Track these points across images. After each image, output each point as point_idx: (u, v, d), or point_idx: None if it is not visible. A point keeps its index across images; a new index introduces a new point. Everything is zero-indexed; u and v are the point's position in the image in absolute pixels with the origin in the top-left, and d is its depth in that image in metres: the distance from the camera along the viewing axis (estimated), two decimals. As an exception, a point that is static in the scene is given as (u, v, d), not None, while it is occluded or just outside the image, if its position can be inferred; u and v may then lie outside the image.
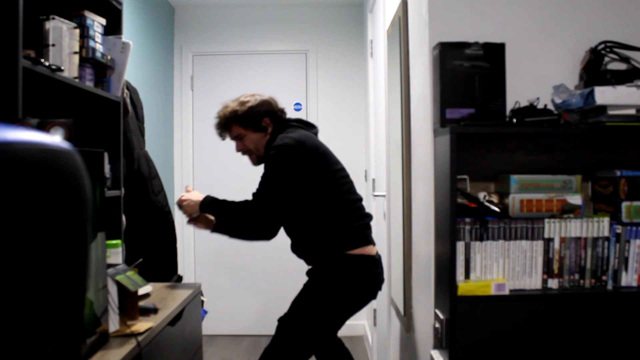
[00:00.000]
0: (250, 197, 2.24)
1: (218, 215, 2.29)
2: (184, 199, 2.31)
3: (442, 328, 1.63)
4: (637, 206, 1.64)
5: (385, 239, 2.98)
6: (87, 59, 1.98)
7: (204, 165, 4.57)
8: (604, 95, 1.56)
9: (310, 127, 2.41)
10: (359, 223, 2.26)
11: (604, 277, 1.64)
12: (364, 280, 2.22)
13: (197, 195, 2.30)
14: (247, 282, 4.55)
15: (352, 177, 2.39)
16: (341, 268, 2.21)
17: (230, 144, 4.83)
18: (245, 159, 2.46)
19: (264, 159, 2.30)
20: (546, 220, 1.63)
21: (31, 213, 0.69)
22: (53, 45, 1.76)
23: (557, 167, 1.73)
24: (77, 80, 1.91)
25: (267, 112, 2.33)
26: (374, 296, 2.28)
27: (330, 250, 2.23)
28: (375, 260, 2.27)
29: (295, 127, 2.34)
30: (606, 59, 1.72)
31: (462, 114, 1.66)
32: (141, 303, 1.90)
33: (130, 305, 1.76)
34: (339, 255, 2.22)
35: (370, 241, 2.29)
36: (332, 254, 2.23)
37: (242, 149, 2.38)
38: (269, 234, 2.33)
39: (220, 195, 2.31)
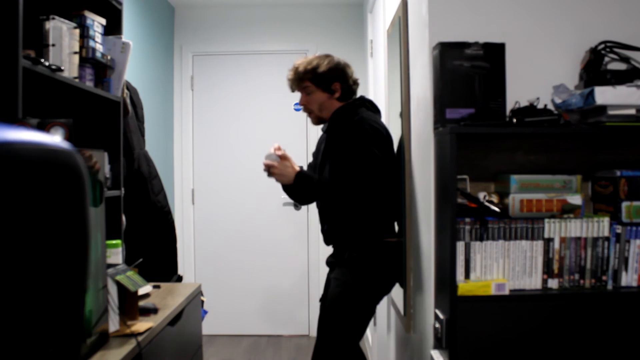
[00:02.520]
0: (248, 197, 2.25)
1: (307, 190, 2.30)
2: (277, 169, 2.25)
3: (442, 328, 1.63)
4: (637, 206, 1.64)
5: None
6: (87, 59, 1.98)
7: (204, 165, 4.57)
8: (604, 95, 1.56)
9: (378, 112, 2.45)
10: (395, 212, 2.35)
11: (604, 277, 1.64)
12: (396, 265, 2.32)
13: (291, 168, 2.26)
14: (247, 282, 4.54)
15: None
16: (382, 254, 2.28)
17: (229, 144, 4.81)
18: (244, 158, 2.47)
19: (334, 130, 2.35)
20: (546, 220, 1.63)
21: (31, 213, 0.69)
22: (53, 45, 1.76)
23: (557, 167, 1.73)
24: (77, 80, 1.90)
25: (340, 78, 2.36)
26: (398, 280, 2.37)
27: (372, 236, 2.30)
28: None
29: (369, 109, 2.38)
30: (606, 59, 1.72)
31: (462, 114, 1.66)
32: (141, 303, 1.90)
33: (130, 305, 1.76)
34: (380, 242, 2.29)
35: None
36: (373, 240, 2.29)
37: (304, 104, 2.40)
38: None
39: (220, 194, 2.33)
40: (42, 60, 1.69)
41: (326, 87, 2.35)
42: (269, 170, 2.25)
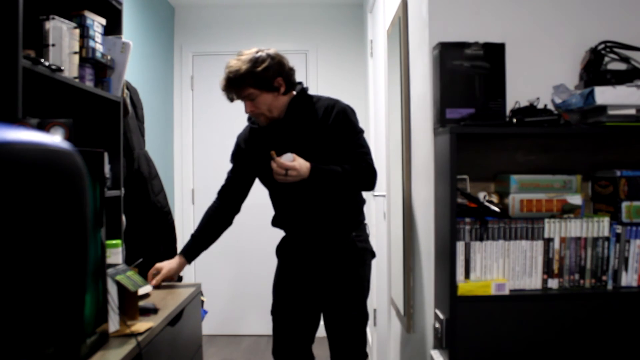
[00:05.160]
0: (248, 197, 2.27)
1: (326, 182, 2.18)
2: (295, 168, 2.08)
3: (442, 328, 1.63)
4: (637, 206, 1.64)
5: (385, 239, 2.98)
6: (87, 59, 1.98)
7: (204, 165, 4.57)
8: (604, 95, 1.56)
9: None
10: None
11: (604, 277, 1.64)
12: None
13: (304, 163, 2.12)
14: (247, 282, 4.54)
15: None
16: (366, 236, 2.36)
17: (229, 144, 4.81)
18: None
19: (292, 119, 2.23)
20: (546, 220, 1.63)
21: (31, 213, 0.69)
22: (53, 45, 1.76)
23: (557, 167, 1.73)
24: (77, 80, 1.91)
25: (281, 71, 2.18)
26: None
27: (360, 218, 2.35)
28: None
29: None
30: (606, 59, 1.72)
31: (462, 114, 1.66)
32: (141, 303, 1.90)
33: (130, 305, 1.76)
34: (362, 223, 2.35)
35: None
36: (360, 222, 2.34)
37: (253, 110, 2.20)
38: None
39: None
40: (42, 60, 1.69)
41: (270, 86, 2.15)
42: (286, 172, 2.07)
